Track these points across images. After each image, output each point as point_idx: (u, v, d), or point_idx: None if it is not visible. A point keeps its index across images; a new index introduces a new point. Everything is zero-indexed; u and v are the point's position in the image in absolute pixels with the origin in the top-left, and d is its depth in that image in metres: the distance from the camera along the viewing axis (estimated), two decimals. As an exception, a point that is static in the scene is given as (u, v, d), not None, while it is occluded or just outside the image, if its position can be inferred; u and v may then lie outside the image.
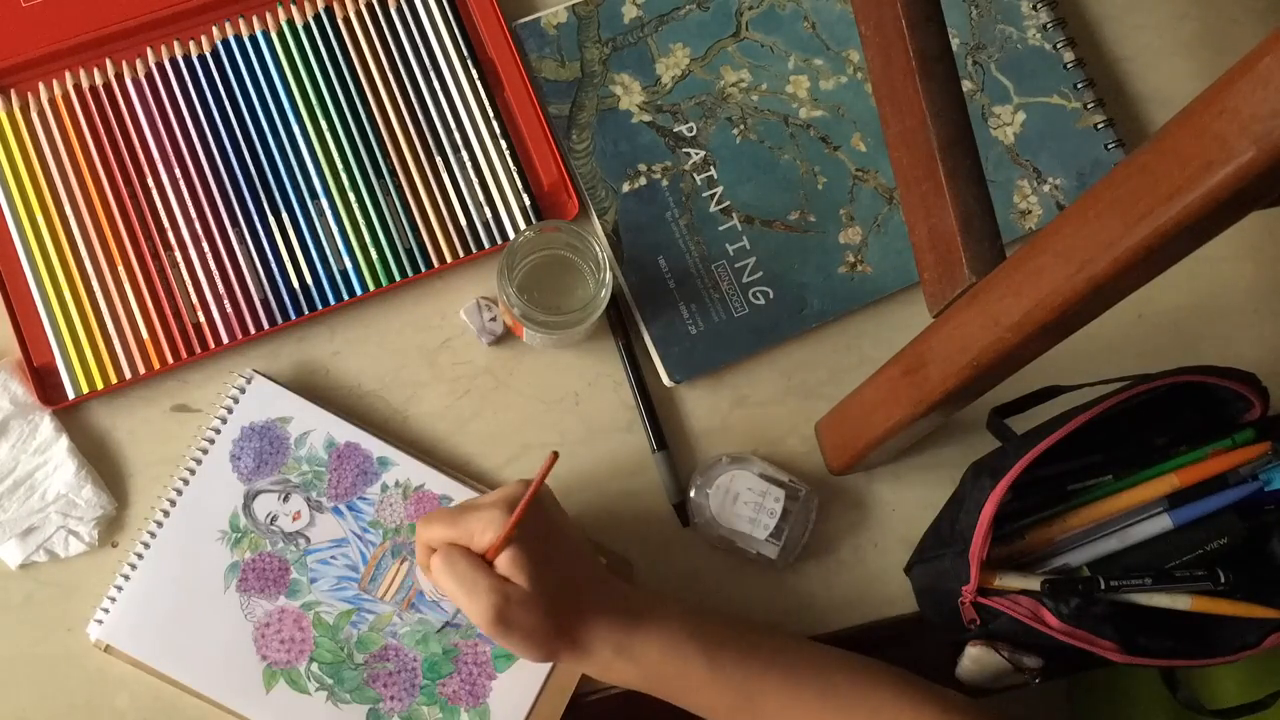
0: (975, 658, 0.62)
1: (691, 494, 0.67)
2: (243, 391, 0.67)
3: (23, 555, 0.65)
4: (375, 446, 0.67)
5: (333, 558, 0.66)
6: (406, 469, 0.67)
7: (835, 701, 0.58)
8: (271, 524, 0.66)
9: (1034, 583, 0.59)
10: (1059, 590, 0.58)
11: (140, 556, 0.65)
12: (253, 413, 0.67)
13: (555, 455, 0.56)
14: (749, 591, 0.68)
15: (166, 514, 0.65)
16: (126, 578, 0.65)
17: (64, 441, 0.66)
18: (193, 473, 0.66)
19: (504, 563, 0.56)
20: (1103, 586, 0.59)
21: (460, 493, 0.67)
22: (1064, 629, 0.57)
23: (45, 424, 0.66)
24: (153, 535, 0.65)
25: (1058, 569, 0.62)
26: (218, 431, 0.67)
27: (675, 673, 0.58)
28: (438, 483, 0.67)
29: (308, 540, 0.66)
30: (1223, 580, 0.59)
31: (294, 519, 0.66)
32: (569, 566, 0.59)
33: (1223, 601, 0.59)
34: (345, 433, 0.67)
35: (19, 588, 0.66)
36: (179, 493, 0.66)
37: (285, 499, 0.66)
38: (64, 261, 0.68)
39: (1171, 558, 0.61)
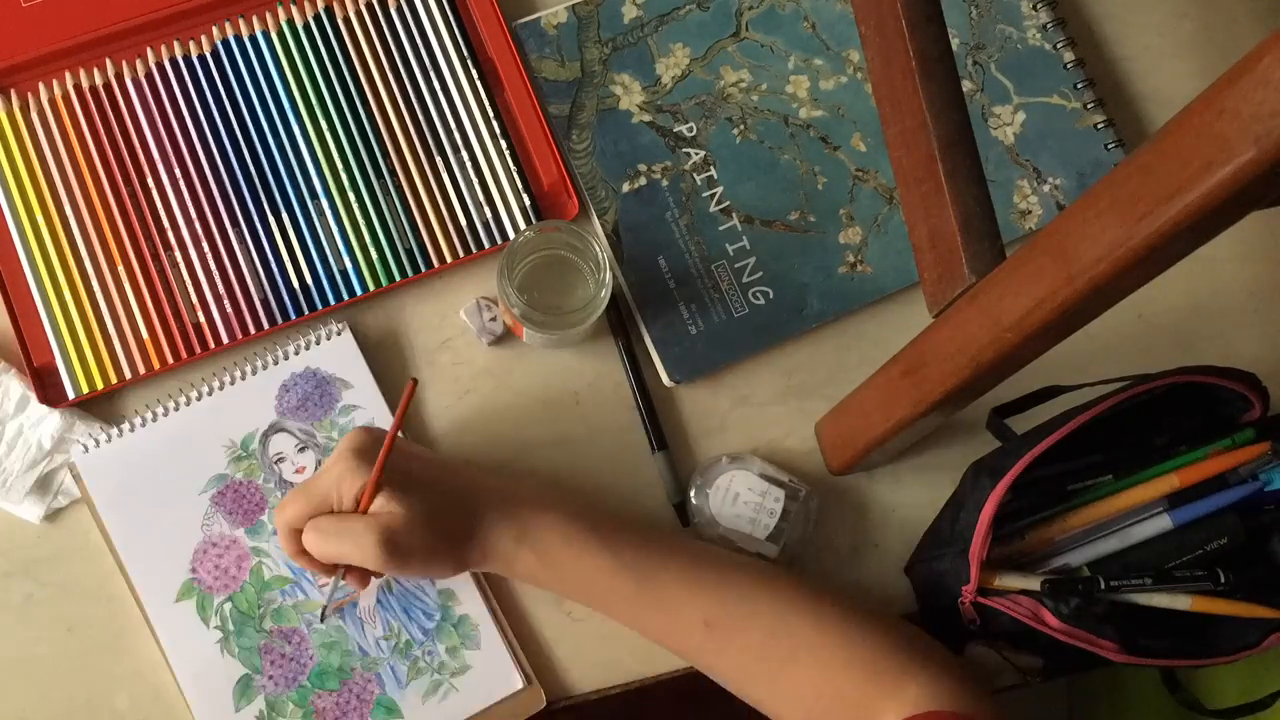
0: (975, 657, 0.62)
1: (691, 494, 0.67)
2: (328, 338, 0.68)
3: (43, 507, 0.66)
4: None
5: None
6: None
7: (736, 590, 0.58)
8: (276, 463, 0.66)
9: (1034, 583, 0.59)
10: (1059, 590, 0.58)
11: (154, 418, 0.66)
12: (324, 360, 0.67)
13: (414, 382, 0.57)
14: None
15: (199, 397, 0.66)
16: (131, 427, 0.65)
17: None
18: (243, 376, 0.67)
19: (379, 503, 0.56)
20: (1103, 586, 0.59)
21: None
22: (1064, 629, 0.57)
23: (13, 381, 0.66)
24: (176, 407, 0.66)
25: (1058, 569, 0.62)
26: (285, 357, 0.67)
27: (575, 558, 0.58)
28: None
29: None
30: (1223, 580, 0.59)
31: (297, 471, 0.66)
32: (440, 480, 0.59)
33: (1223, 601, 0.59)
34: (386, 427, 0.67)
35: (19, 588, 0.66)
36: (221, 387, 0.66)
37: (301, 450, 0.67)
38: (64, 261, 0.68)
39: (1171, 558, 0.61)
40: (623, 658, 0.67)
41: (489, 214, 0.71)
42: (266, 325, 0.68)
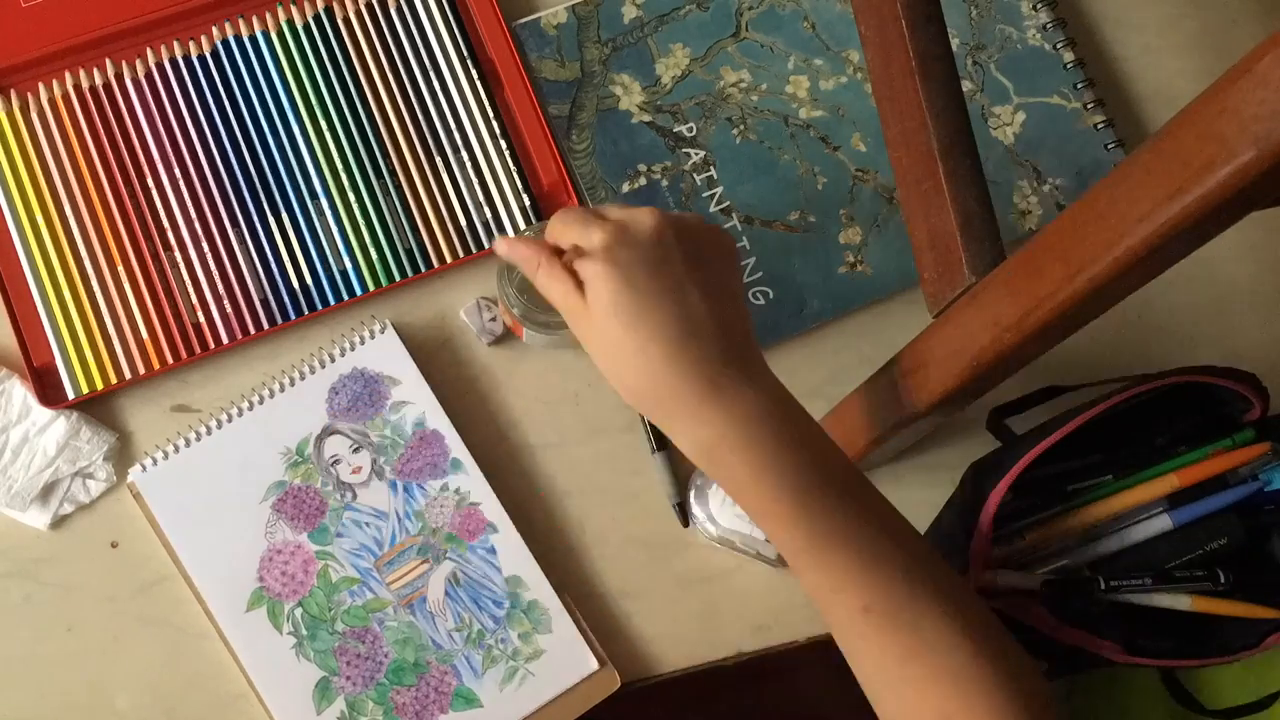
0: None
1: (691, 494, 0.67)
2: (372, 336, 0.68)
3: (50, 515, 0.66)
4: (456, 447, 0.67)
5: (366, 524, 0.66)
6: (472, 481, 0.67)
7: (909, 586, 0.49)
8: (332, 465, 0.66)
9: (1034, 583, 0.59)
10: (1059, 590, 0.58)
11: (209, 431, 0.66)
12: (370, 360, 0.68)
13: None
14: (749, 591, 0.68)
15: (251, 407, 0.66)
16: (187, 443, 0.66)
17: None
18: (292, 383, 0.67)
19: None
20: (1103, 586, 0.59)
21: (508, 530, 0.66)
22: (1064, 629, 0.57)
23: (16, 388, 0.66)
24: (229, 419, 0.66)
25: (1058, 569, 0.62)
26: (332, 360, 0.67)
27: (753, 478, 0.49)
28: (493, 508, 0.67)
29: (354, 496, 0.66)
30: (1223, 580, 0.59)
31: (353, 471, 0.67)
32: (692, 264, 0.50)
33: (1223, 601, 0.59)
34: (437, 420, 0.67)
35: (19, 588, 0.66)
36: (271, 395, 0.67)
37: (356, 450, 0.67)
38: (64, 261, 0.68)
39: (1171, 558, 0.61)
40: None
41: (489, 214, 0.71)
42: (266, 325, 0.68)
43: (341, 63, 0.71)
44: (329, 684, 0.64)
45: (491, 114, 0.71)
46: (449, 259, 0.70)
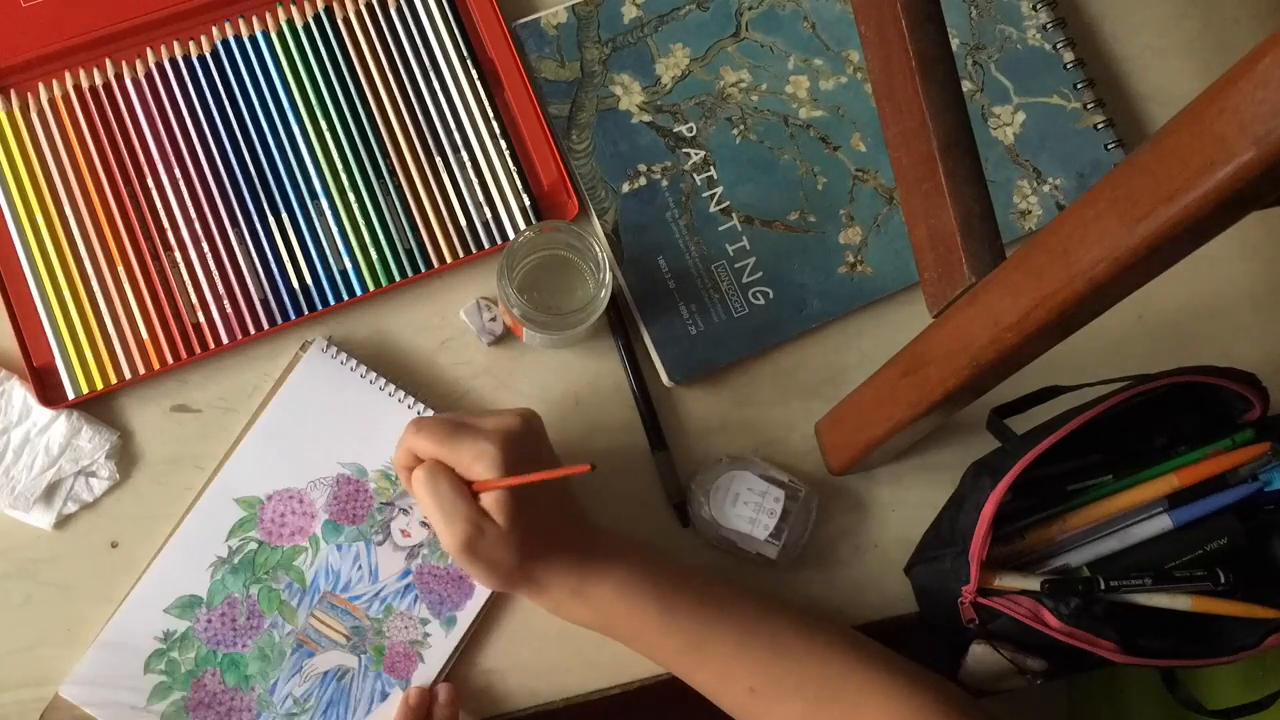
0: (978, 658, 0.62)
1: (691, 494, 0.67)
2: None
3: (53, 515, 0.66)
4: (469, 610, 0.66)
5: (359, 567, 0.66)
6: (445, 643, 0.65)
7: (785, 658, 0.58)
8: (398, 509, 0.67)
9: (1034, 583, 0.59)
10: (1059, 590, 0.58)
11: (379, 383, 0.67)
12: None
13: (591, 468, 0.55)
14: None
15: (404, 398, 0.67)
16: (364, 373, 0.67)
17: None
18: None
19: (489, 499, 0.56)
20: (1103, 586, 0.59)
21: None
22: (1064, 629, 0.57)
23: (15, 389, 0.66)
24: (393, 390, 0.67)
25: (1058, 569, 0.62)
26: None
27: (626, 615, 0.59)
28: (422, 673, 0.65)
29: (380, 542, 0.66)
30: (1222, 580, 0.59)
31: (403, 533, 0.66)
32: (548, 508, 0.59)
33: (1223, 601, 0.59)
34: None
35: (19, 588, 0.66)
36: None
37: (424, 524, 0.67)
38: (64, 261, 0.68)
39: (1171, 558, 0.61)
40: (622, 657, 0.66)
41: (489, 214, 0.71)
42: (266, 325, 0.68)
43: (341, 63, 0.71)
44: (194, 607, 0.64)
45: (491, 114, 0.71)
46: (449, 259, 0.70)
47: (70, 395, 0.66)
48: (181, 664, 0.64)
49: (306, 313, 0.68)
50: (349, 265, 0.69)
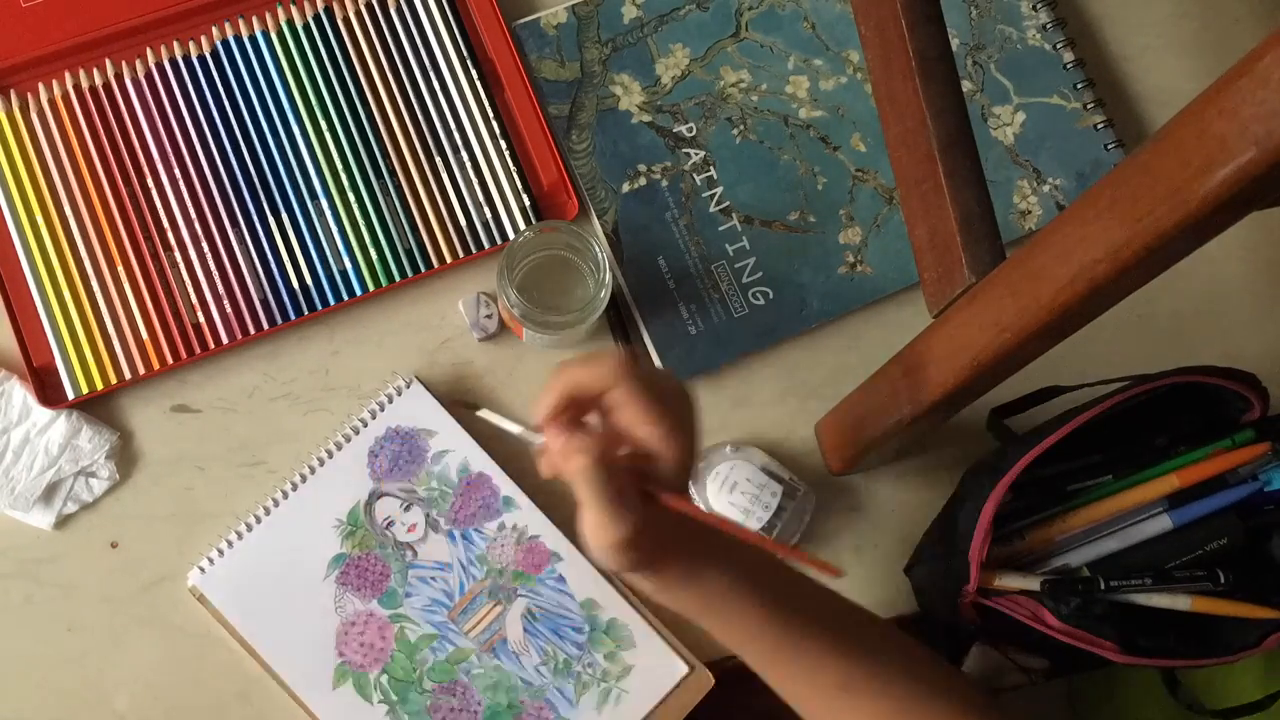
0: (979, 657, 0.62)
1: (690, 482, 0.67)
2: (399, 394, 0.67)
3: (53, 515, 0.66)
4: (504, 484, 0.67)
5: (433, 579, 0.66)
6: (527, 515, 0.67)
7: (875, 658, 0.56)
8: (386, 528, 0.66)
9: (1034, 583, 0.59)
10: (1059, 590, 0.58)
11: (258, 520, 0.65)
12: (402, 417, 0.67)
13: (840, 572, 0.51)
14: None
15: (295, 487, 0.66)
16: (239, 536, 0.65)
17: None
18: (330, 455, 0.67)
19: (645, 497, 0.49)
20: (1103, 586, 0.59)
21: (572, 554, 0.66)
22: (1064, 629, 0.57)
23: (15, 389, 0.66)
24: (275, 504, 0.66)
25: (1058, 569, 0.62)
26: (365, 424, 0.67)
27: (733, 604, 0.56)
28: (553, 538, 0.67)
29: (415, 554, 0.66)
30: (1222, 580, 0.59)
31: (409, 530, 0.66)
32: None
33: (1223, 601, 0.59)
34: (480, 462, 0.67)
35: (19, 588, 0.66)
36: (312, 471, 0.66)
37: (407, 508, 0.66)
38: (64, 261, 0.68)
39: (1171, 558, 0.61)
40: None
41: (489, 214, 0.71)
42: (266, 325, 0.68)
43: (341, 63, 0.71)
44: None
45: (491, 114, 0.71)
46: (449, 259, 0.70)
47: (70, 395, 0.66)
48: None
49: (306, 313, 0.68)
50: (349, 265, 0.69)
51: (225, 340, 0.68)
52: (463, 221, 0.70)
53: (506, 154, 0.71)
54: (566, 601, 0.66)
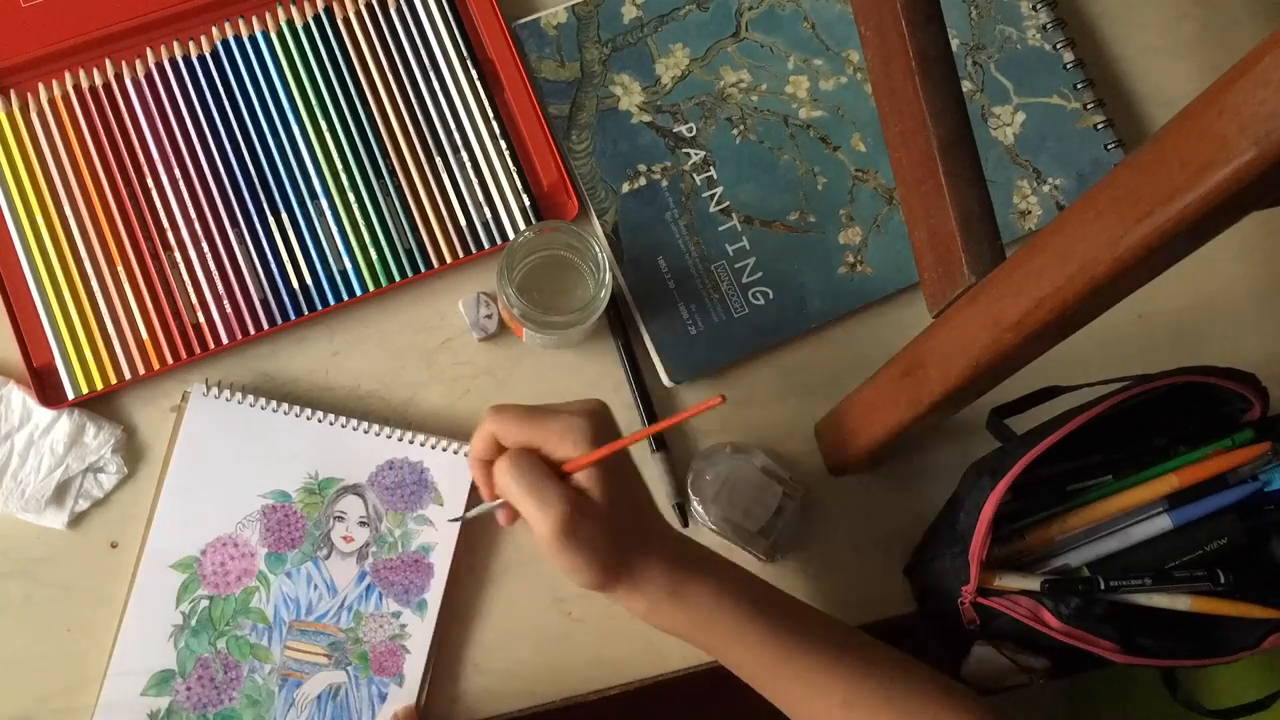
0: (980, 657, 0.62)
1: (690, 476, 0.67)
2: (455, 453, 0.67)
3: (66, 515, 0.66)
4: (433, 591, 0.66)
5: (315, 586, 0.65)
6: (420, 629, 0.65)
7: (876, 675, 0.57)
8: (333, 518, 0.66)
9: (1034, 583, 0.59)
10: (1059, 590, 0.58)
11: (275, 408, 0.66)
12: (437, 468, 0.67)
13: (722, 399, 0.53)
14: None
15: (319, 420, 0.66)
16: (252, 403, 0.66)
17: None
18: (365, 430, 0.67)
19: (583, 477, 0.53)
20: (1102, 587, 0.58)
21: (410, 689, 0.65)
22: (1064, 629, 0.57)
23: (14, 393, 0.66)
24: (296, 414, 0.66)
25: (1058, 569, 0.62)
26: (410, 442, 0.67)
27: (724, 622, 0.56)
28: (414, 663, 0.65)
29: (327, 556, 0.66)
30: (1222, 580, 0.59)
31: (345, 539, 0.66)
32: (641, 499, 0.57)
33: (1222, 602, 0.59)
34: (439, 557, 0.66)
35: (19, 588, 0.66)
36: (344, 425, 0.66)
37: (362, 524, 0.66)
38: (64, 261, 0.68)
39: (1171, 558, 0.61)
40: (622, 657, 0.67)
41: (489, 214, 0.71)
42: (266, 325, 0.68)
43: (341, 63, 0.71)
44: (170, 680, 0.64)
45: (491, 114, 0.71)
46: (449, 259, 0.70)
47: (70, 395, 0.66)
48: None
49: (306, 313, 0.68)
50: (349, 265, 0.69)
51: (225, 340, 0.68)
52: (463, 221, 0.70)
53: (506, 154, 0.71)
54: (366, 715, 0.64)
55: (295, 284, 0.69)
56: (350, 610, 0.65)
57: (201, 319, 0.68)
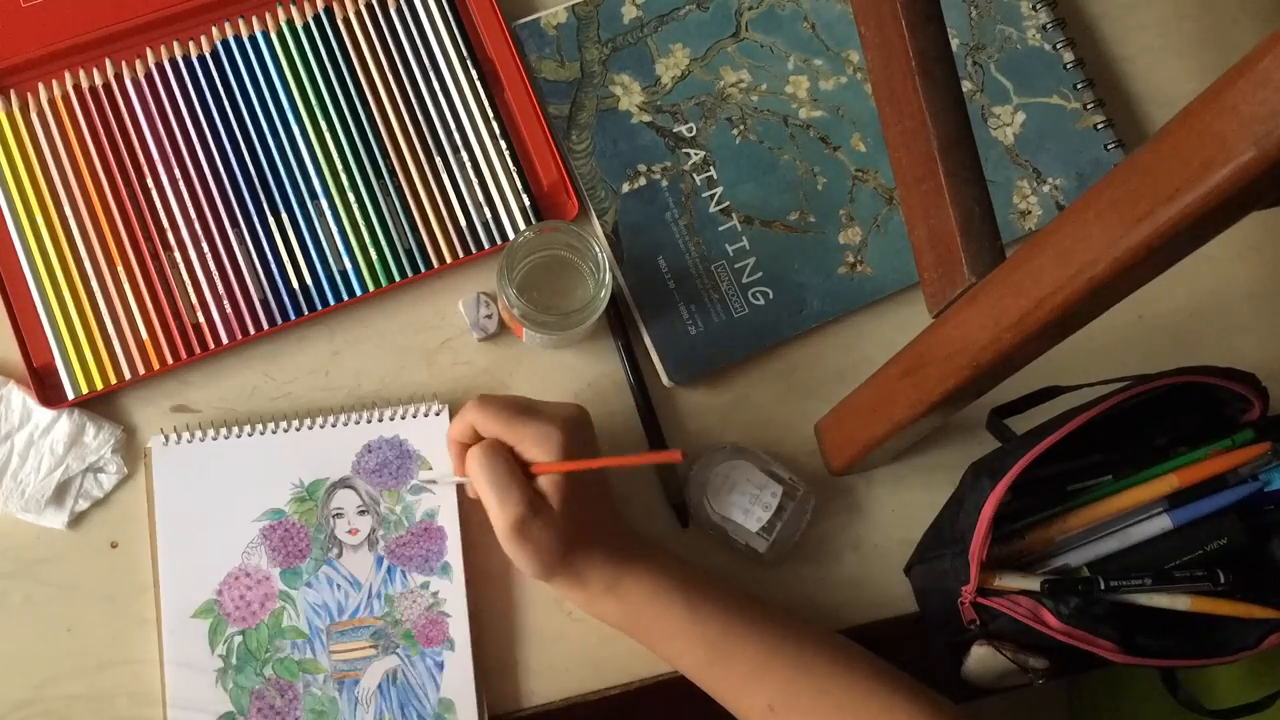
0: (980, 657, 0.62)
1: (690, 475, 0.67)
2: (425, 415, 0.67)
3: (66, 515, 0.65)
4: (454, 550, 0.66)
5: (339, 586, 0.65)
6: (452, 590, 0.65)
7: (806, 677, 0.59)
8: (334, 517, 0.66)
9: (1034, 583, 0.59)
10: (1059, 590, 0.58)
11: (237, 434, 0.66)
12: (413, 435, 0.67)
13: (681, 456, 0.59)
14: (748, 592, 0.68)
15: (284, 429, 0.66)
16: (215, 436, 0.65)
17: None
18: (333, 424, 0.66)
19: (545, 482, 0.58)
20: (1102, 586, 0.59)
21: (464, 651, 0.65)
22: (1064, 629, 0.57)
23: (14, 394, 0.66)
24: (260, 431, 0.66)
25: (1058, 569, 0.62)
26: (380, 420, 0.67)
27: (657, 617, 0.60)
28: (459, 624, 0.65)
29: (339, 554, 0.66)
30: (1222, 580, 0.59)
31: (350, 532, 0.66)
32: (593, 502, 0.61)
33: (1222, 601, 0.59)
34: (446, 517, 0.66)
35: (19, 588, 0.66)
36: (310, 426, 0.66)
37: (361, 512, 0.66)
38: (64, 261, 0.68)
39: (1171, 558, 0.61)
40: (622, 657, 0.67)
41: (489, 214, 0.71)
42: (266, 325, 0.68)
43: (341, 63, 0.71)
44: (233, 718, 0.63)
45: (491, 114, 0.71)
46: (449, 259, 0.70)
47: (70, 395, 0.66)
48: None
49: (306, 313, 0.68)
50: (349, 265, 0.69)
51: (225, 340, 0.68)
52: (463, 221, 0.70)
53: (506, 154, 0.71)
54: (430, 688, 0.64)
55: (295, 284, 0.69)
56: (380, 597, 0.65)
57: (201, 319, 0.68)
